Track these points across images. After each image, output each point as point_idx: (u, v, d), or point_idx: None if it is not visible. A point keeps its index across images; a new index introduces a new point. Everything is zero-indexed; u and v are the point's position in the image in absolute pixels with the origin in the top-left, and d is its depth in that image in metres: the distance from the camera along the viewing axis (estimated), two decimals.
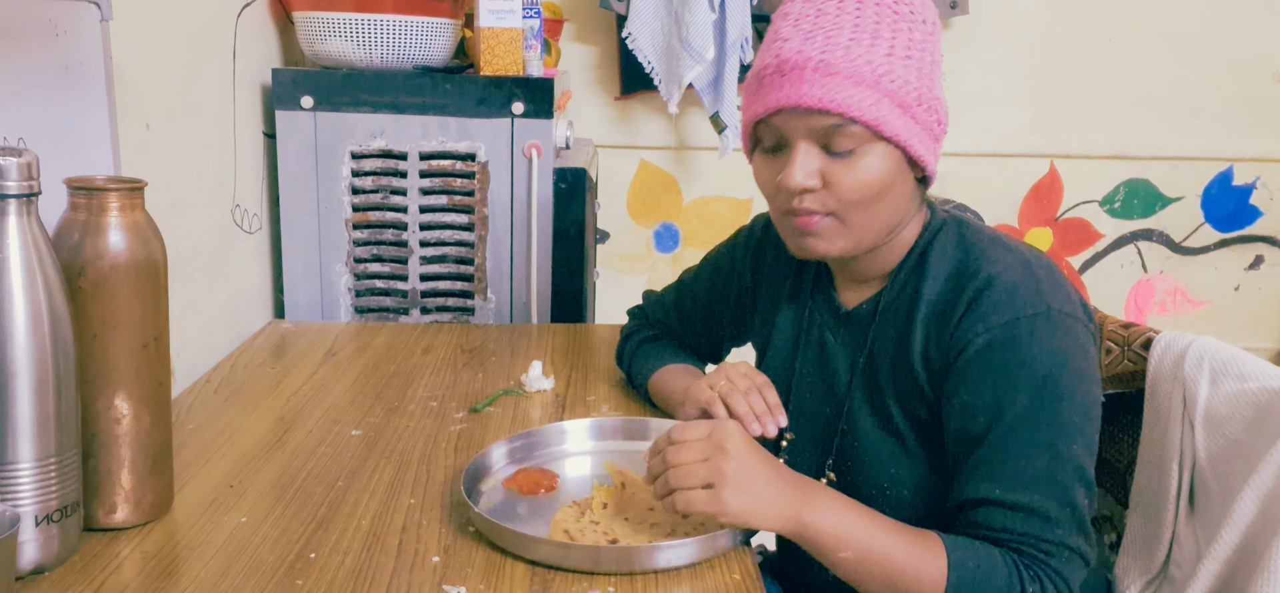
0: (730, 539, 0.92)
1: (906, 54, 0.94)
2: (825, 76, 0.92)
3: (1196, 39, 2.48)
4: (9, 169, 0.79)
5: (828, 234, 0.98)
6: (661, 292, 1.38)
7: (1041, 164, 2.55)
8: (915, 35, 0.95)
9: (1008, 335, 0.93)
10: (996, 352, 0.93)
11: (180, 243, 1.39)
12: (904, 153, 0.96)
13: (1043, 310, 0.93)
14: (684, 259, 2.53)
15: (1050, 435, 0.91)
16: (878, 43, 0.93)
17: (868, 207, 0.97)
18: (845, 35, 0.93)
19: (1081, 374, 0.93)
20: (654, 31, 2.25)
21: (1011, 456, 0.91)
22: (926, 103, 0.96)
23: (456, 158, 1.71)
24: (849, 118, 0.92)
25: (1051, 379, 0.91)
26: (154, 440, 0.93)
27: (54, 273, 0.82)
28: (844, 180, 0.95)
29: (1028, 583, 0.88)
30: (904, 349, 1.01)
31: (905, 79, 0.94)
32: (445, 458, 1.13)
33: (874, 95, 0.92)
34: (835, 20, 0.93)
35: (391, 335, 1.60)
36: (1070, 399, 0.92)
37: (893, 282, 1.04)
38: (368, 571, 0.88)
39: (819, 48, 0.92)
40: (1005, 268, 0.96)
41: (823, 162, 0.95)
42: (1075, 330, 0.94)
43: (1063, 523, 0.90)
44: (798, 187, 0.95)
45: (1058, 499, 0.90)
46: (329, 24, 1.67)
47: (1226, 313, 2.65)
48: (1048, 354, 0.92)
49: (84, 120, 1.15)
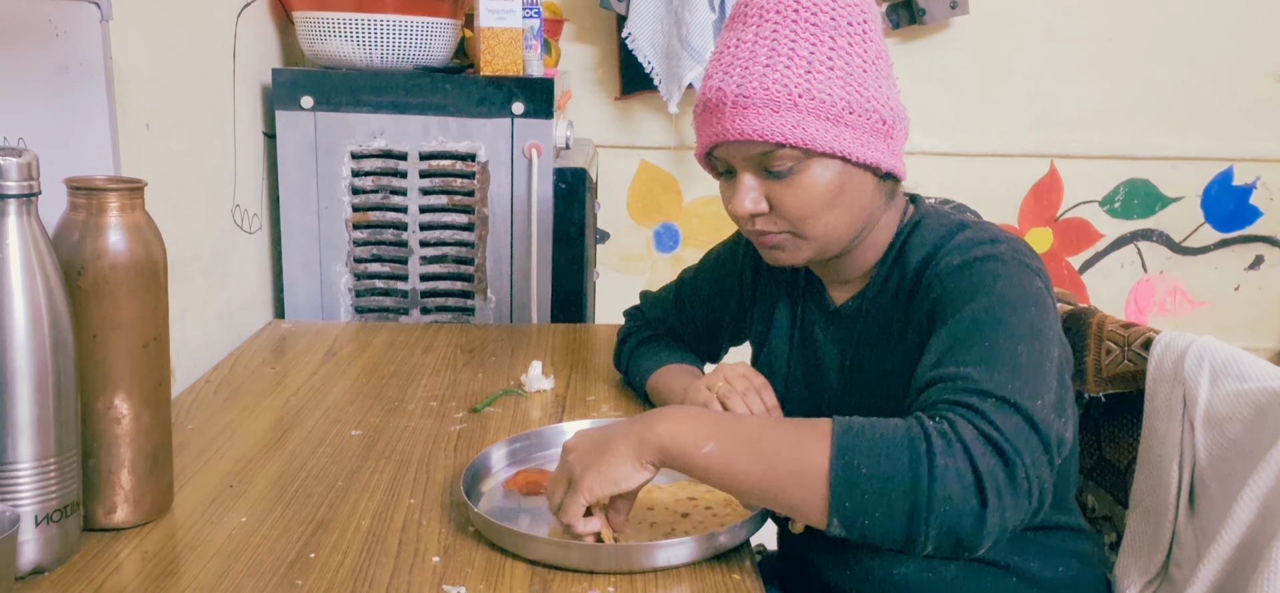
0: (730, 539, 0.92)
1: (827, 65, 0.95)
2: (743, 109, 0.95)
3: (1196, 39, 2.48)
4: (9, 169, 0.79)
5: (789, 247, 1.02)
6: (660, 291, 1.38)
7: (1041, 164, 2.55)
8: (838, 43, 0.96)
9: (959, 272, 0.94)
10: (948, 287, 0.94)
11: (180, 243, 1.39)
12: (845, 161, 0.97)
13: (994, 254, 0.94)
14: (684, 259, 2.53)
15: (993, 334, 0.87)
16: (794, 62, 0.95)
17: (820, 217, 0.99)
18: (760, 63, 0.95)
19: (1030, 297, 0.91)
20: (654, 31, 2.25)
21: (953, 348, 0.88)
22: (859, 107, 0.96)
23: (456, 158, 1.71)
24: (773, 143, 0.95)
25: (996, 290, 0.91)
26: (154, 440, 0.93)
27: (54, 273, 0.82)
28: (788, 200, 0.98)
29: (929, 421, 0.81)
30: (891, 340, 1.02)
31: (827, 91, 0.95)
32: (445, 458, 1.13)
33: (794, 116, 0.94)
34: (751, 50, 0.96)
35: (391, 335, 1.60)
36: (1015, 309, 0.89)
37: (876, 277, 1.06)
38: (368, 571, 0.88)
39: (736, 82, 0.96)
40: (968, 236, 0.98)
41: (766, 185, 0.99)
42: (1023, 270, 0.93)
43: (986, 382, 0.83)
44: (746, 213, 1.00)
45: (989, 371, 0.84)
46: (329, 24, 1.67)
47: (1226, 313, 2.65)
48: (992, 274, 0.92)
49: (84, 120, 1.15)
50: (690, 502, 1.02)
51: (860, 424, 0.83)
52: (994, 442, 0.79)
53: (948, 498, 0.77)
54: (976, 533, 0.78)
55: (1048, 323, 0.91)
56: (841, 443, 0.81)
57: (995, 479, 0.78)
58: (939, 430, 0.80)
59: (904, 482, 0.78)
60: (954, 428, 0.80)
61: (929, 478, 0.78)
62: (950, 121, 2.49)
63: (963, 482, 0.77)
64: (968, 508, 0.77)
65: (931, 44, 2.45)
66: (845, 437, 0.81)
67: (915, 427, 0.81)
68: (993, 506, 0.77)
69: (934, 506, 0.77)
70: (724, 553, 0.92)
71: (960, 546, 0.79)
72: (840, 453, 0.80)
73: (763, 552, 1.31)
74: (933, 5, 2.34)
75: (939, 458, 0.78)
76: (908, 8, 2.36)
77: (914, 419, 0.82)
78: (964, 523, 0.78)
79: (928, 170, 2.49)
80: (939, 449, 0.78)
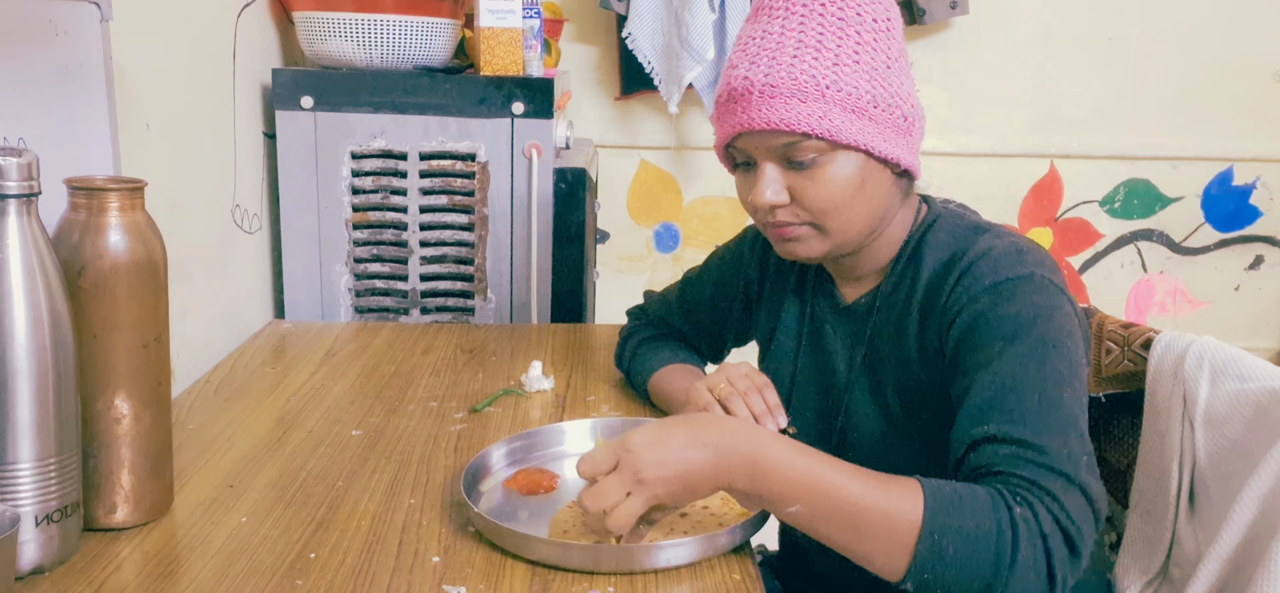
0: (730, 539, 0.92)
1: (854, 59, 0.96)
2: (770, 98, 0.95)
3: (1196, 39, 2.48)
4: (9, 169, 0.79)
5: (808, 240, 1.02)
6: (664, 290, 1.38)
7: (1041, 164, 2.55)
8: (864, 38, 0.97)
9: (992, 297, 0.94)
10: (982, 315, 0.94)
11: (180, 243, 1.39)
12: (867, 155, 0.98)
13: (1026, 274, 0.95)
14: (684, 259, 2.53)
15: (1039, 381, 0.89)
16: (822, 54, 0.95)
17: (841, 211, 0.99)
18: (788, 54, 0.96)
19: (1065, 331, 0.92)
20: (654, 31, 2.25)
21: (1002, 399, 0.89)
22: (883, 102, 0.97)
23: (456, 158, 1.71)
24: (799, 133, 0.95)
25: (1036, 329, 0.91)
26: (154, 440, 0.93)
27: (54, 273, 0.82)
28: (810, 192, 0.98)
29: (1015, 505, 0.83)
30: (902, 338, 1.02)
31: (854, 84, 0.96)
32: (445, 458, 1.13)
33: (822, 107, 0.95)
34: (779, 40, 0.97)
35: (391, 335, 1.60)
36: (1057, 349, 0.91)
37: (889, 275, 1.06)
38: (368, 571, 0.88)
39: (763, 71, 0.96)
40: (992, 246, 0.98)
41: (788, 177, 0.99)
42: (1058, 296, 0.94)
43: (1055, 455, 0.86)
44: (767, 204, 0.99)
45: (1050, 436, 0.87)
46: (329, 24, 1.67)
47: (1226, 313, 2.65)
48: (1031, 308, 0.93)
49: (84, 120, 1.15)
50: None
51: (948, 494, 0.83)
52: (1066, 531, 0.83)
53: (1022, 586, 0.81)
54: None
55: (1080, 352, 0.93)
56: (933, 515, 0.82)
57: (1063, 566, 0.82)
58: (1024, 518, 0.82)
59: (986, 567, 0.81)
60: (1036, 517, 0.82)
61: (1010, 567, 0.81)
62: (950, 121, 2.49)
63: (1037, 571, 0.81)
64: (1037, 590, 0.82)
65: (931, 44, 2.45)
66: (937, 510, 0.82)
67: (1002, 510, 0.82)
68: (1058, 588, 0.82)
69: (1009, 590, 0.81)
70: (724, 553, 0.92)
71: None
72: (930, 525, 0.82)
73: (763, 552, 1.31)
74: (933, 5, 2.34)
75: (1022, 549, 0.81)
76: (908, 8, 2.36)
77: (999, 496, 0.83)
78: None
79: (928, 170, 2.49)
80: (1023, 540, 0.81)
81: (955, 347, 0.96)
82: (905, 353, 1.02)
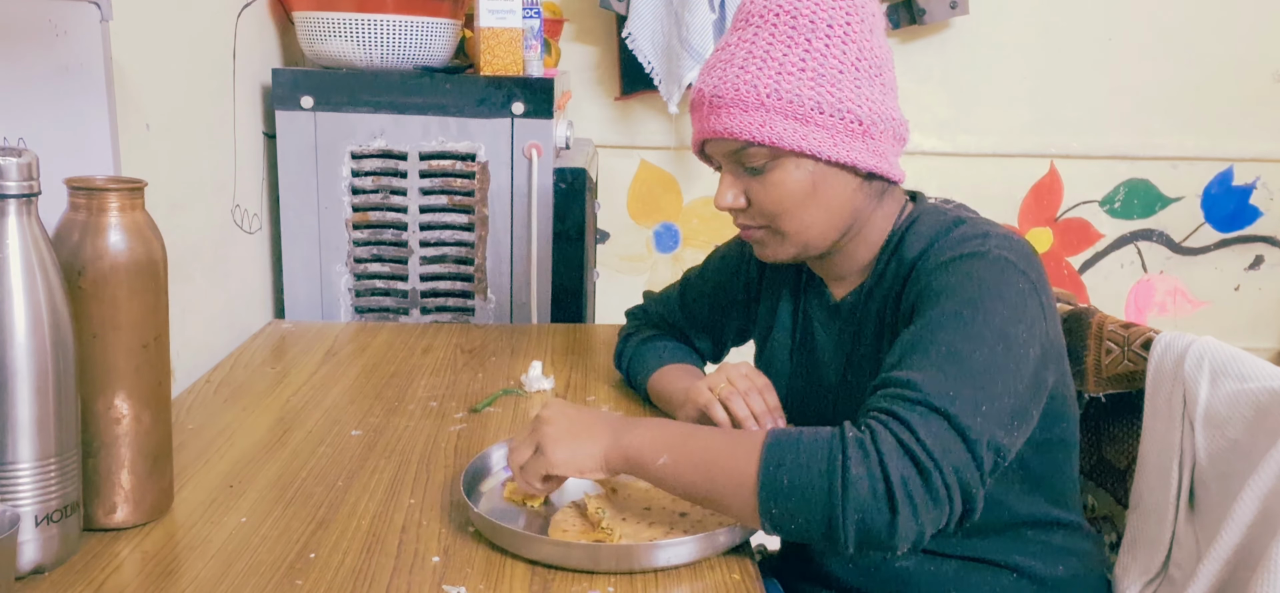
0: (730, 538, 0.92)
1: (799, 67, 0.98)
2: (717, 109, 1.01)
3: (1196, 39, 2.48)
4: (9, 169, 0.79)
5: (769, 243, 1.06)
6: (663, 291, 1.38)
7: (1041, 164, 2.55)
8: (814, 45, 0.99)
9: (942, 272, 0.95)
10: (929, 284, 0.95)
11: (180, 243, 1.39)
12: (815, 159, 1.00)
13: (980, 252, 0.95)
14: (684, 259, 2.53)
15: (950, 338, 0.88)
16: (767, 66, 0.98)
17: (794, 215, 1.02)
18: (737, 65, 1.00)
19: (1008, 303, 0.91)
20: (654, 31, 2.25)
21: (908, 354, 0.89)
22: (830, 108, 0.98)
23: (456, 158, 1.71)
24: (742, 141, 0.99)
25: (968, 293, 0.91)
26: (154, 441, 0.93)
27: (54, 273, 0.82)
28: (761, 196, 1.03)
29: (852, 431, 0.84)
30: (886, 333, 1.04)
31: (797, 93, 0.98)
32: (445, 458, 1.13)
33: (762, 116, 0.98)
34: (732, 51, 1.02)
35: (391, 335, 1.60)
36: (984, 315, 0.89)
37: (873, 271, 1.07)
38: (368, 571, 0.88)
39: (713, 84, 1.01)
40: (963, 233, 0.99)
41: (745, 182, 1.04)
42: (1011, 274, 0.93)
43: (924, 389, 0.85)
44: (723, 207, 1.05)
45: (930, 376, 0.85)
46: (329, 24, 1.67)
47: (1226, 313, 2.65)
48: (972, 280, 0.93)
49: (84, 120, 1.15)
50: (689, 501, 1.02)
51: (789, 434, 0.87)
52: (910, 451, 0.82)
53: (859, 506, 0.81)
54: (890, 538, 0.82)
55: (1021, 325, 0.91)
56: (769, 453, 0.86)
57: (907, 488, 0.81)
58: (857, 439, 0.83)
59: (820, 490, 0.83)
60: (873, 438, 0.83)
61: (842, 487, 0.82)
62: (950, 121, 2.49)
63: (874, 491, 0.81)
64: (879, 514, 0.81)
65: (931, 44, 2.45)
66: (773, 448, 0.86)
67: (836, 437, 0.84)
68: (904, 513, 0.81)
69: (847, 513, 0.82)
70: (724, 553, 0.93)
71: (880, 547, 0.83)
72: (766, 463, 0.85)
73: (763, 551, 1.31)
74: (933, 5, 2.34)
75: (853, 469, 0.82)
76: (908, 8, 2.36)
77: (839, 429, 0.85)
78: (876, 528, 0.82)
79: (928, 170, 2.50)
80: (854, 460, 0.82)
81: (908, 319, 0.96)
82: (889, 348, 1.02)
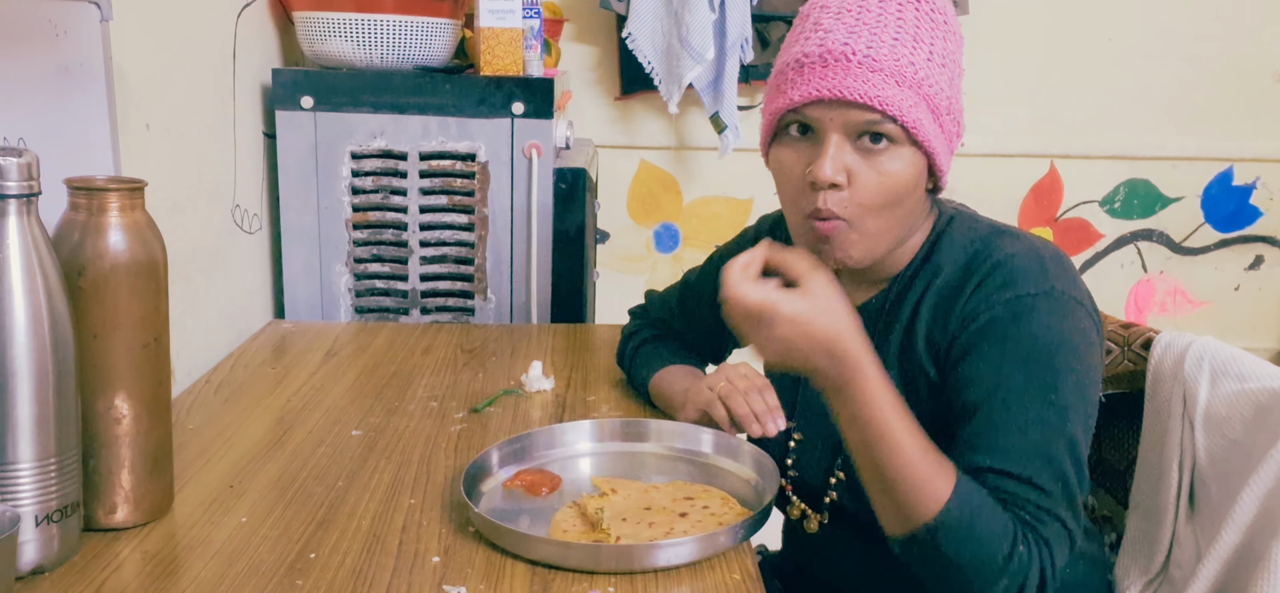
0: (730, 539, 0.92)
1: (942, 61, 0.95)
2: (871, 72, 0.92)
3: (1196, 39, 2.48)
4: (9, 169, 0.79)
5: (844, 242, 0.98)
6: (665, 291, 1.38)
7: (1041, 164, 2.55)
8: (950, 45, 0.97)
9: (1009, 312, 0.94)
10: (997, 326, 0.94)
11: (180, 243, 1.39)
12: (927, 160, 0.98)
13: (1046, 290, 0.94)
14: (684, 259, 2.53)
15: (1042, 411, 0.91)
16: (919, 46, 0.94)
17: (884, 212, 0.97)
18: (889, 34, 0.93)
19: (1079, 355, 0.93)
20: (654, 31, 2.25)
21: (1006, 428, 0.91)
22: (953, 112, 0.98)
23: (456, 158, 1.71)
24: (889, 115, 0.93)
25: (1049, 355, 0.92)
26: (154, 441, 0.93)
27: (54, 273, 0.82)
28: (870, 181, 0.95)
29: (1019, 542, 0.88)
30: (909, 340, 1.02)
31: (939, 86, 0.95)
32: (445, 458, 1.13)
33: (913, 97, 0.93)
34: (878, 18, 0.94)
35: (391, 335, 1.60)
36: (1066, 376, 0.92)
37: (900, 277, 1.05)
38: (368, 571, 0.88)
39: (865, 43, 0.93)
40: (1014, 252, 0.98)
41: (852, 159, 0.95)
42: (1078, 314, 0.95)
43: (1054, 495, 0.90)
44: (826, 179, 0.94)
45: (1050, 473, 0.90)
46: (329, 24, 1.67)
47: (1226, 313, 2.65)
48: (1046, 331, 0.93)
49: (84, 120, 1.15)
50: (689, 502, 1.02)
51: (980, 492, 0.89)
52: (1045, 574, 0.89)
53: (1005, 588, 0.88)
54: None
55: (1093, 370, 0.95)
56: (964, 488, 0.88)
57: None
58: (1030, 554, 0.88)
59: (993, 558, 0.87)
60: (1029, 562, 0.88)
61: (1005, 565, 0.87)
62: None
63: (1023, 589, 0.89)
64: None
65: None
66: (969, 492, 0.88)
67: (1016, 526, 0.89)
68: None
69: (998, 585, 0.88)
70: (724, 553, 0.92)
71: None
72: (960, 495, 0.88)
73: (763, 552, 1.31)
74: None
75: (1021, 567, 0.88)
76: None
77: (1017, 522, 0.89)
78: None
79: None
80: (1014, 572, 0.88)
81: (964, 351, 0.96)
82: (911, 354, 1.01)
